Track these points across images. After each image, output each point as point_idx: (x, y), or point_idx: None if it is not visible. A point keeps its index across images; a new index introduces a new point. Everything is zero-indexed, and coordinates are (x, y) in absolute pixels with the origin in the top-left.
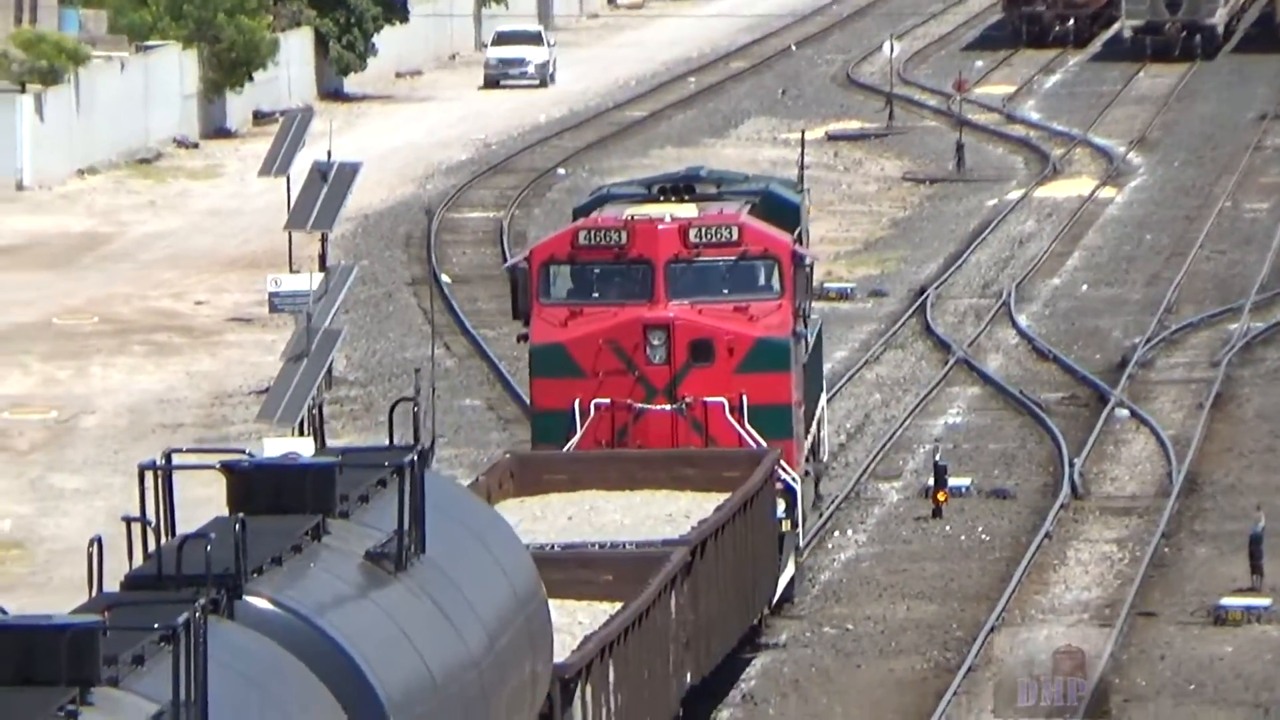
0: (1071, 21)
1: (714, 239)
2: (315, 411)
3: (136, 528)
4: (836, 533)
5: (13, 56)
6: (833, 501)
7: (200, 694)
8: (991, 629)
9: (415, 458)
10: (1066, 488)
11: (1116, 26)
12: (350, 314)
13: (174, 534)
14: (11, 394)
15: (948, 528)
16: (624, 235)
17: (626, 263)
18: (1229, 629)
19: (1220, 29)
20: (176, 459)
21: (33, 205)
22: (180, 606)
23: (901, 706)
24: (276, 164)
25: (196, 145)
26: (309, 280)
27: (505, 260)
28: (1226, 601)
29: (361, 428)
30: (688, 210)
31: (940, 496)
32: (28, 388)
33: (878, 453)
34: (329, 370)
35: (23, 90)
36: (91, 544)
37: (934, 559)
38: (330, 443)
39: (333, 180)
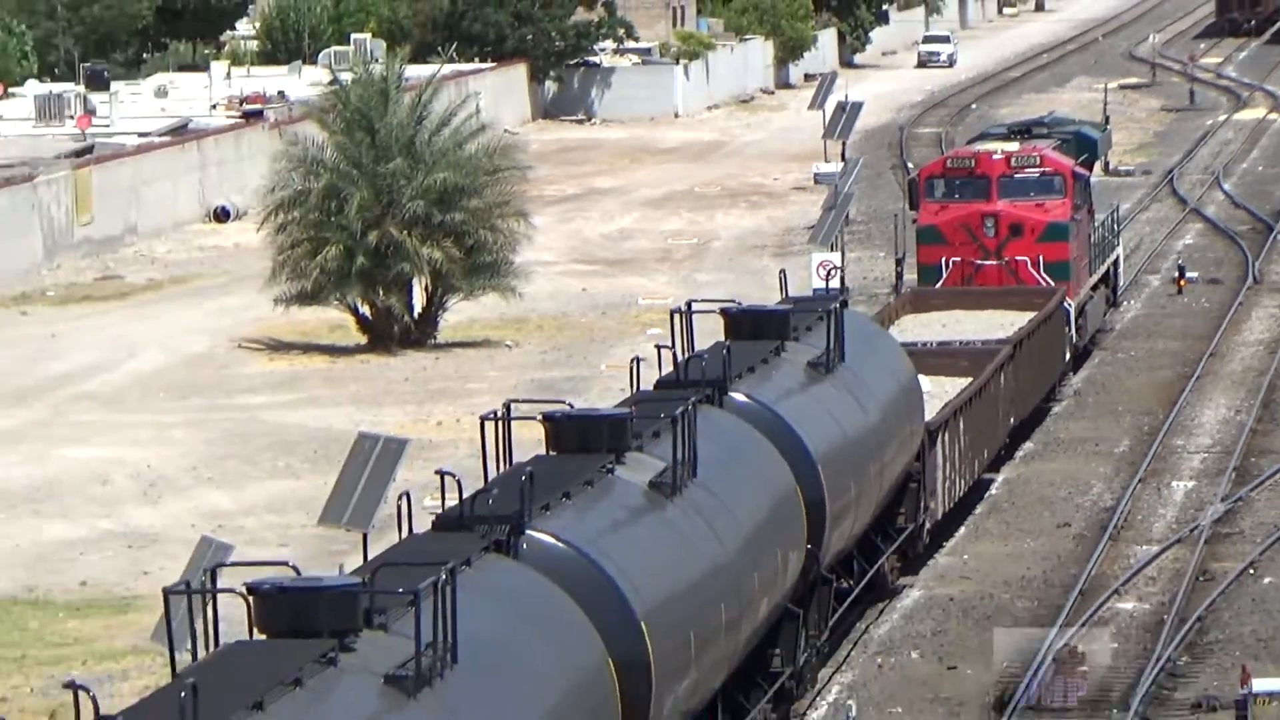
0: (1252, 21)
1: (1026, 163)
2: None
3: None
4: (1124, 303)
5: (672, 44)
6: (1122, 287)
7: (692, 457)
8: (1210, 354)
9: (838, 304)
10: (1250, 278)
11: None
12: (858, 185)
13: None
14: (671, 229)
15: (1185, 299)
16: (973, 161)
17: (974, 177)
18: None
19: None
20: (696, 307)
21: (683, 126)
22: (682, 402)
23: (1159, 396)
24: (818, 102)
25: (773, 93)
26: (836, 166)
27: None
28: None
29: (864, 247)
30: (1013, 146)
31: (1181, 283)
32: (680, 225)
33: (1147, 258)
34: (847, 216)
35: (676, 63)
36: (632, 363)
37: (1178, 317)
38: (848, 255)
39: (848, 111)
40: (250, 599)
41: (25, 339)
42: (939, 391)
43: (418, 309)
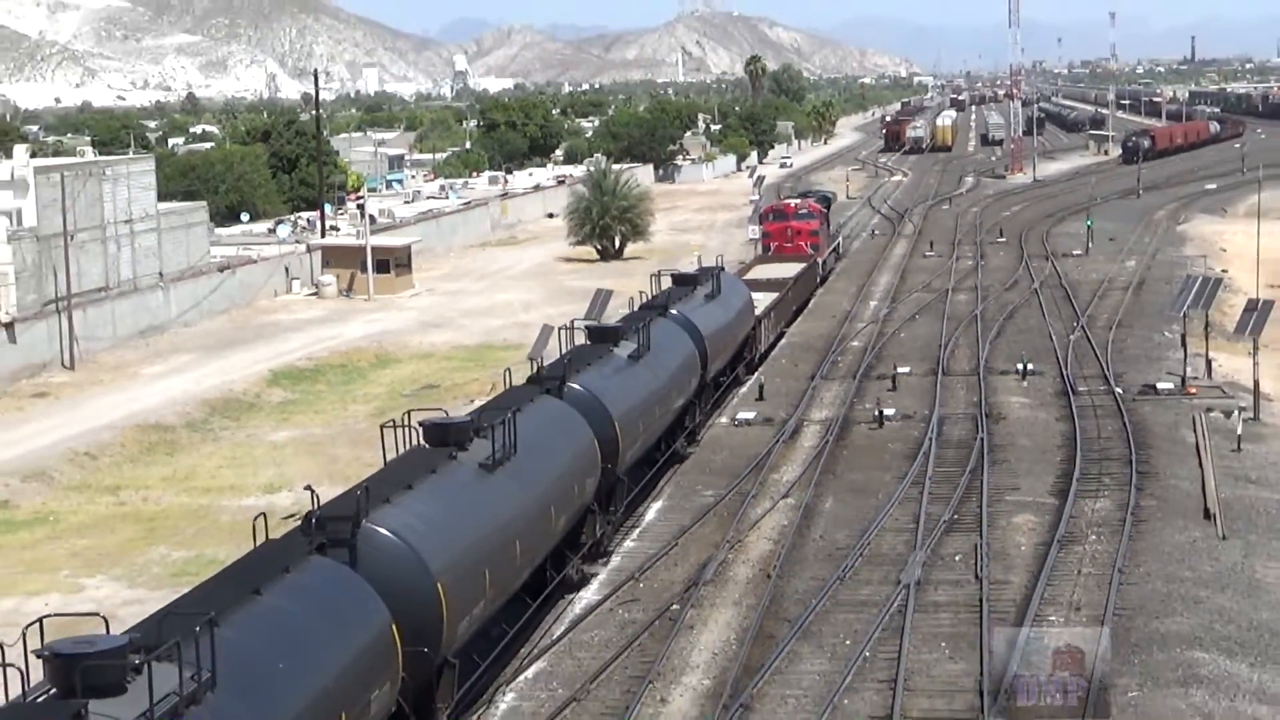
0: (897, 146)
1: (802, 208)
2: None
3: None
4: (851, 243)
5: (702, 157)
6: (842, 252)
7: (649, 342)
8: (882, 259)
9: (720, 268)
10: (896, 233)
11: (908, 145)
12: (765, 202)
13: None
14: (702, 218)
15: (875, 241)
16: (784, 207)
17: (784, 212)
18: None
19: (925, 145)
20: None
21: (706, 185)
22: (645, 318)
23: (864, 274)
24: (750, 175)
25: (737, 173)
26: (758, 196)
27: (778, 199)
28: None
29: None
30: (798, 200)
31: (874, 235)
32: (705, 218)
33: (861, 228)
34: (760, 215)
35: (704, 163)
36: (630, 300)
37: (872, 244)
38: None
39: (761, 179)
40: (421, 428)
41: (484, 258)
42: (765, 299)
43: (617, 246)
